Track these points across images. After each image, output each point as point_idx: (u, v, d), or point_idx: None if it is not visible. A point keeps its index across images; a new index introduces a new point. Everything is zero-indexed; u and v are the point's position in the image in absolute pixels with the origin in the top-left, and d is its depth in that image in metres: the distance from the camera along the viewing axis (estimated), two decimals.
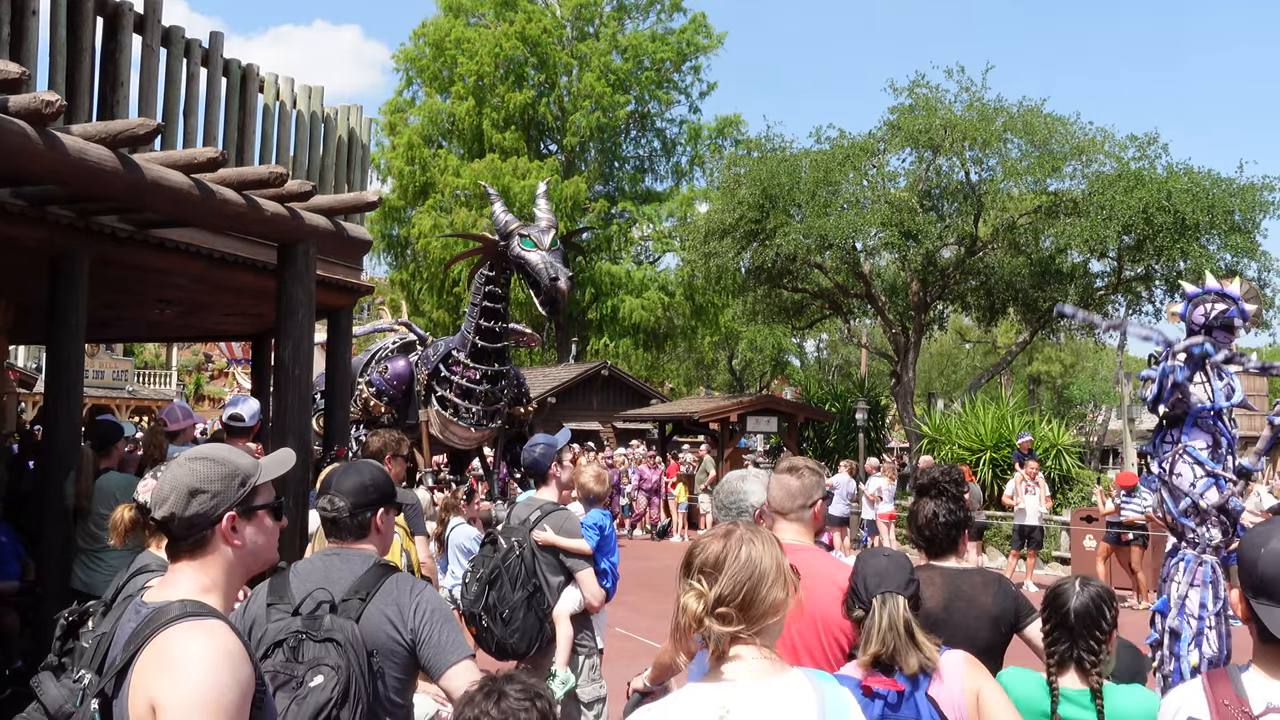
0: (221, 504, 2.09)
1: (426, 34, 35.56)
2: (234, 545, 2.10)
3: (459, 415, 11.74)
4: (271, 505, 2.20)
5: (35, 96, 4.58)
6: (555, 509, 5.18)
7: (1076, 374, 51.19)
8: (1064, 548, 16.47)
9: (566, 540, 5.05)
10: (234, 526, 2.10)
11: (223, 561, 2.10)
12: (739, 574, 1.98)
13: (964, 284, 23.85)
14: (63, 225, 6.23)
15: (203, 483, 2.09)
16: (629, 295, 34.19)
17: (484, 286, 11.44)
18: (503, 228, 10.89)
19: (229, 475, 2.12)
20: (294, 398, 6.55)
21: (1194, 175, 20.62)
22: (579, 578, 5.06)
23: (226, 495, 2.10)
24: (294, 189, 6.19)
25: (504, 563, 4.91)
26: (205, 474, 2.10)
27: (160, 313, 9.53)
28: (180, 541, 2.10)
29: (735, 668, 1.97)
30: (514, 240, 10.70)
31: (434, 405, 11.88)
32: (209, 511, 2.08)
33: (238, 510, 2.11)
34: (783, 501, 3.42)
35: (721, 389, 43.56)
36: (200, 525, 2.08)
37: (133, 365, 37.93)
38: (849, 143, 23.04)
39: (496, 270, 11.24)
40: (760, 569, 1.99)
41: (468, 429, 11.77)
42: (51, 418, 6.38)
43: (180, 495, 2.08)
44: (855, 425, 23.95)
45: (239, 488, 2.12)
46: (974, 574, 3.64)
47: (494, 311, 11.48)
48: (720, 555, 2.01)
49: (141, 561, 3.39)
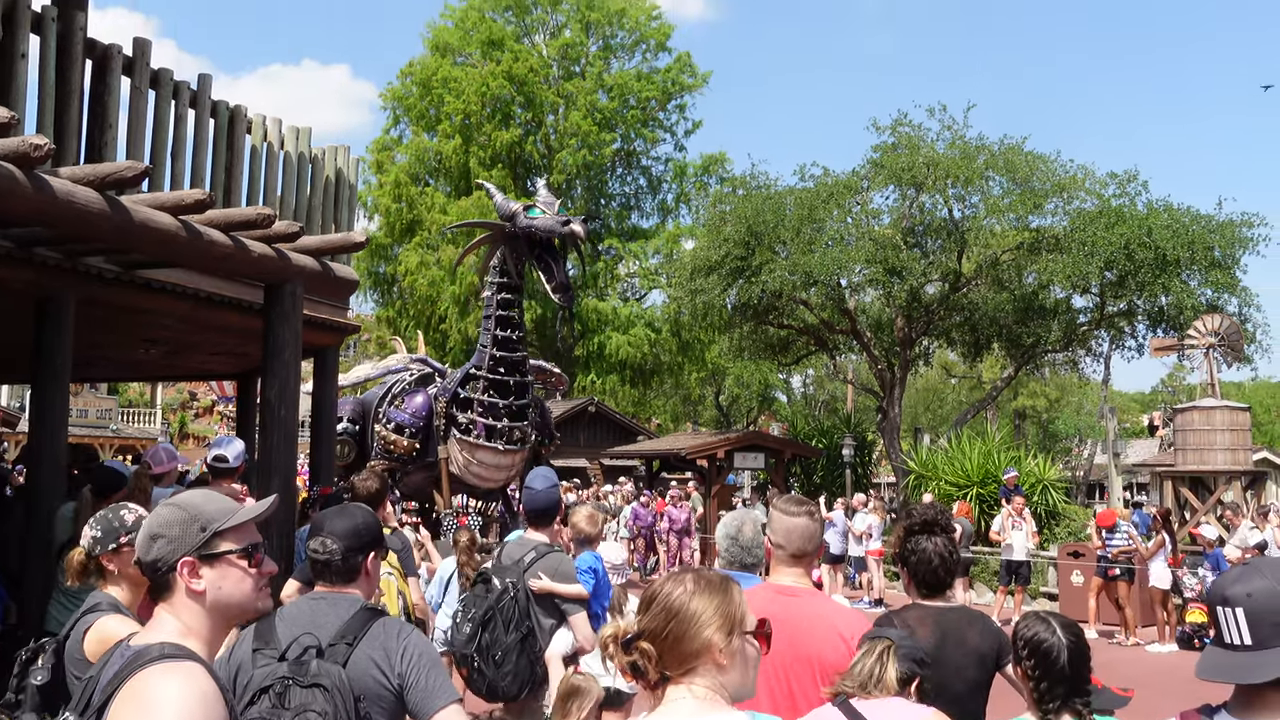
0: (178, 549, 2.09)
1: (414, 73, 35.78)
2: (194, 591, 2.09)
3: (485, 436, 11.04)
4: (242, 550, 2.16)
5: (24, 140, 4.59)
6: (550, 550, 5.13)
7: (1061, 408, 51.34)
8: (1051, 583, 16.47)
9: (564, 587, 5.01)
10: (192, 572, 2.09)
11: (195, 607, 2.09)
12: (666, 612, 2.02)
13: (948, 320, 23.97)
14: (49, 267, 6.22)
15: (161, 528, 2.11)
16: (615, 332, 34.24)
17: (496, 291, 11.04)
18: (506, 210, 10.62)
19: (188, 520, 2.12)
20: (280, 437, 6.52)
21: (1174, 212, 20.83)
22: (572, 621, 5.02)
23: (184, 540, 2.10)
24: (281, 230, 6.20)
25: (498, 604, 4.84)
26: (165, 519, 2.12)
27: (146, 352, 9.50)
28: (153, 587, 2.12)
29: (667, 708, 2.01)
30: (519, 215, 10.43)
31: (455, 437, 11.24)
32: (166, 556, 2.09)
33: (196, 556, 2.10)
34: (798, 544, 3.34)
35: (709, 425, 43.55)
36: (160, 570, 2.09)
37: (117, 403, 37.75)
38: (833, 180, 23.21)
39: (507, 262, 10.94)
40: (689, 610, 2.01)
41: (494, 452, 11.05)
42: (36, 458, 6.35)
43: (143, 540, 2.11)
44: (842, 461, 23.99)
45: (198, 532, 2.11)
46: (960, 612, 3.64)
47: (508, 320, 11.00)
48: (655, 592, 2.07)
49: (92, 600, 3.42)
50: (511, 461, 11.26)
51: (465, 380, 11.32)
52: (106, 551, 3.52)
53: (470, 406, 11.13)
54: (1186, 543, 14.77)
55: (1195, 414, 17.06)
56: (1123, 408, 51.63)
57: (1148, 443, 41.19)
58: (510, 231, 10.64)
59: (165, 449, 6.91)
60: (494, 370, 11.00)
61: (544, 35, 37.48)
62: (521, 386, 11.16)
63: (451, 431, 11.29)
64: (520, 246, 10.64)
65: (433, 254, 33.28)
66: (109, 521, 3.57)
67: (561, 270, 10.72)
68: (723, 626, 2.02)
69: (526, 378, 11.29)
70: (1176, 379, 51.73)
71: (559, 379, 13.90)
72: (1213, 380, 17.80)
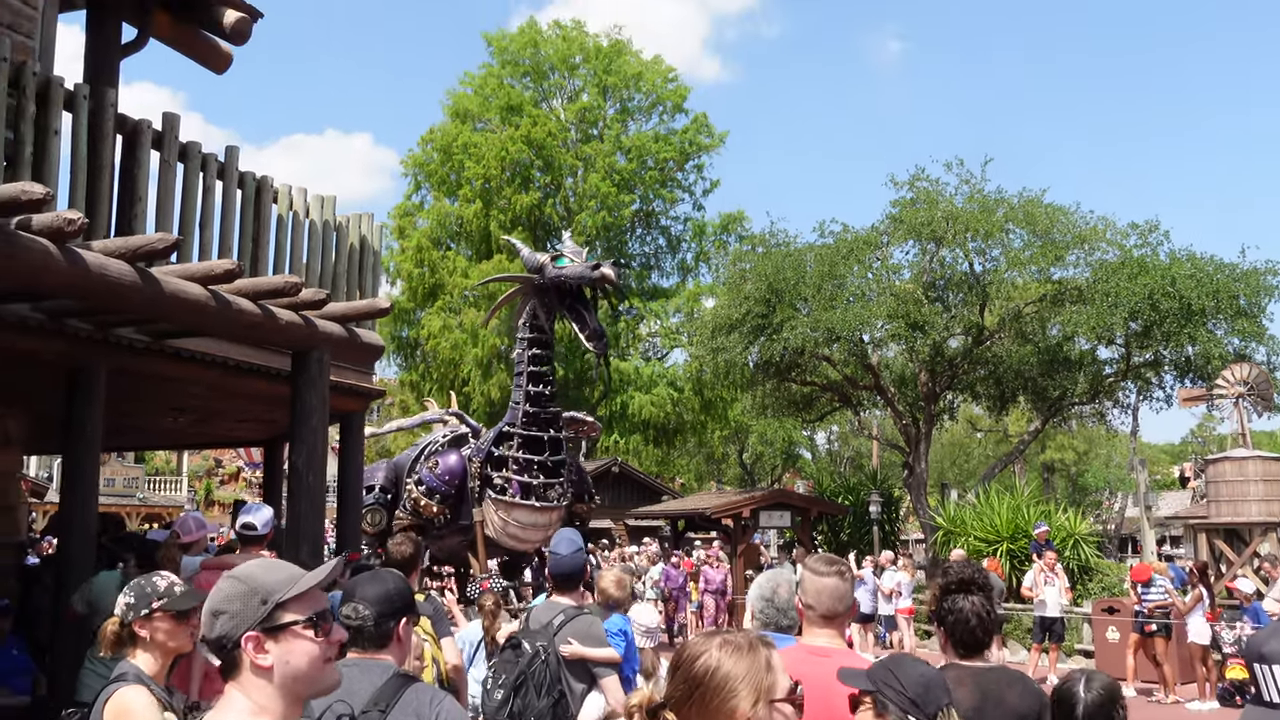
0: (241, 624, 2.00)
1: (434, 140, 36.29)
2: (260, 667, 2.00)
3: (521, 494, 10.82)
4: (307, 620, 2.05)
5: (58, 215, 4.68)
6: (579, 613, 5.08)
7: (1090, 461, 50.85)
8: (1086, 640, 16.19)
9: (595, 651, 4.95)
10: (257, 647, 2.00)
11: (263, 683, 2.00)
12: (692, 679, 1.97)
13: (973, 374, 23.86)
14: (81, 338, 6.31)
15: (223, 603, 2.02)
16: (638, 391, 34.26)
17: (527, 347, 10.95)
18: (534, 263, 10.56)
19: (248, 594, 2.03)
20: (307, 504, 6.54)
21: (1197, 261, 20.76)
22: (604, 684, 4.96)
23: (246, 615, 2.01)
24: (308, 298, 6.27)
25: (529, 669, 4.78)
26: (226, 594, 2.04)
27: (174, 420, 9.58)
28: (222, 665, 2.03)
29: None
30: (548, 267, 10.37)
31: (490, 498, 11.02)
32: (229, 633, 2.00)
33: (260, 630, 2.00)
34: (829, 605, 3.29)
35: (733, 483, 43.33)
36: (226, 646, 2.01)
37: (143, 472, 37.92)
38: (852, 236, 23.29)
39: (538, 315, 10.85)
40: (717, 677, 1.97)
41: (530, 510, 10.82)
42: (66, 527, 6.38)
43: (206, 617, 2.03)
44: (869, 518, 23.75)
45: (259, 605, 2.02)
46: (999, 672, 3.57)
47: (541, 375, 10.91)
48: (681, 657, 2.02)
49: (118, 670, 3.42)
50: (549, 520, 11.00)
51: (499, 439, 11.17)
52: (139, 618, 3.51)
53: (505, 465, 10.96)
54: (1224, 597, 14.51)
55: (1227, 465, 16.83)
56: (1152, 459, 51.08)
57: (1179, 495, 40.65)
58: (539, 284, 10.57)
59: (194, 518, 6.93)
60: (527, 426, 10.89)
61: (562, 100, 38.01)
62: (556, 442, 11.03)
63: (486, 493, 11.11)
64: (550, 298, 10.58)
65: (455, 317, 33.50)
66: (142, 588, 3.58)
67: (594, 318, 10.64)
68: (750, 695, 1.96)
69: (561, 433, 11.15)
70: (1206, 429, 51.22)
71: (592, 426, 13.74)
72: (1244, 430, 17.59)
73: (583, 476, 12.18)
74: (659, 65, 37.66)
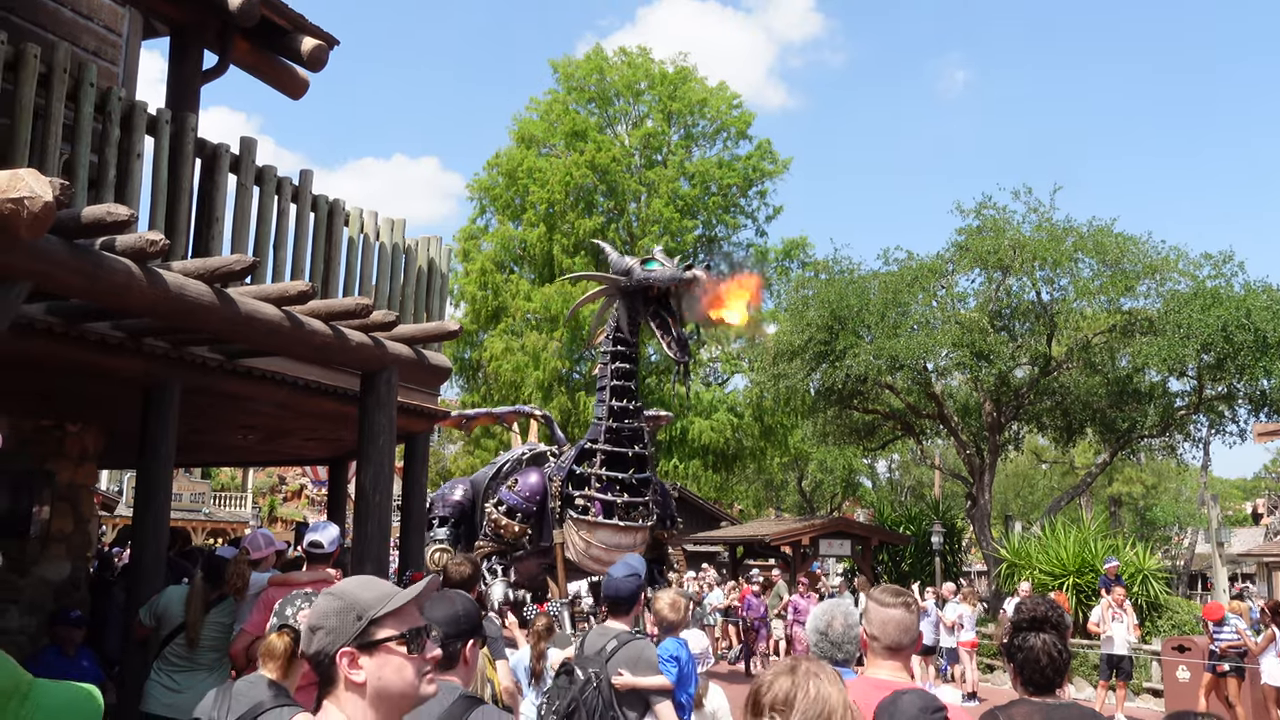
0: (337, 640, 2.03)
1: (500, 164, 36.69)
2: (354, 683, 2.01)
3: (604, 513, 10.40)
4: (401, 636, 2.06)
5: (140, 236, 4.80)
6: (632, 638, 5.07)
7: (1159, 495, 49.69)
8: (1155, 679, 15.78)
9: (646, 680, 4.93)
10: (351, 663, 2.02)
11: (356, 699, 2.03)
12: (809, 710, 1.97)
13: (1039, 404, 23.49)
14: (158, 356, 6.46)
15: (319, 619, 2.05)
16: (698, 417, 34.18)
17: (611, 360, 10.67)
18: (622, 265, 10.31)
19: (344, 610, 2.05)
20: (374, 525, 6.61)
21: (1273, 293, 20.32)
22: (657, 710, 4.94)
23: (342, 630, 2.03)
24: (378, 319, 6.35)
25: (581, 695, 4.78)
26: (323, 610, 2.06)
27: (244, 438, 9.75)
28: (320, 680, 2.06)
29: None
30: (636, 269, 10.13)
31: (571, 518, 10.59)
32: (325, 648, 2.03)
33: (355, 646, 2.03)
34: (894, 636, 3.26)
35: (791, 511, 43.02)
36: (323, 662, 2.04)
37: (209, 487, 38.57)
38: (917, 264, 23.12)
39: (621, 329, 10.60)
40: (829, 705, 1.97)
41: (614, 530, 10.39)
42: (139, 542, 6.51)
43: (305, 633, 2.07)
44: (931, 549, 23.43)
45: (355, 621, 2.04)
46: (1072, 709, 3.49)
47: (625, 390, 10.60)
48: (790, 692, 2.00)
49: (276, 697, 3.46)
50: (633, 541, 10.54)
51: (581, 457, 10.81)
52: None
53: (587, 483, 10.59)
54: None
55: None
56: (1224, 494, 49.72)
57: (1252, 531, 39.57)
58: (626, 286, 10.31)
59: (263, 535, 7.03)
60: (611, 442, 10.55)
61: (626, 125, 38.24)
62: (641, 459, 10.63)
63: (568, 513, 10.72)
64: (636, 303, 10.30)
65: (517, 340, 33.73)
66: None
67: (678, 326, 10.37)
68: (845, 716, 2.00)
69: (646, 450, 10.74)
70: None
71: (664, 418, 13.37)
72: None
73: (666, 498, 11.67)
74: (723, 92, 37.75)
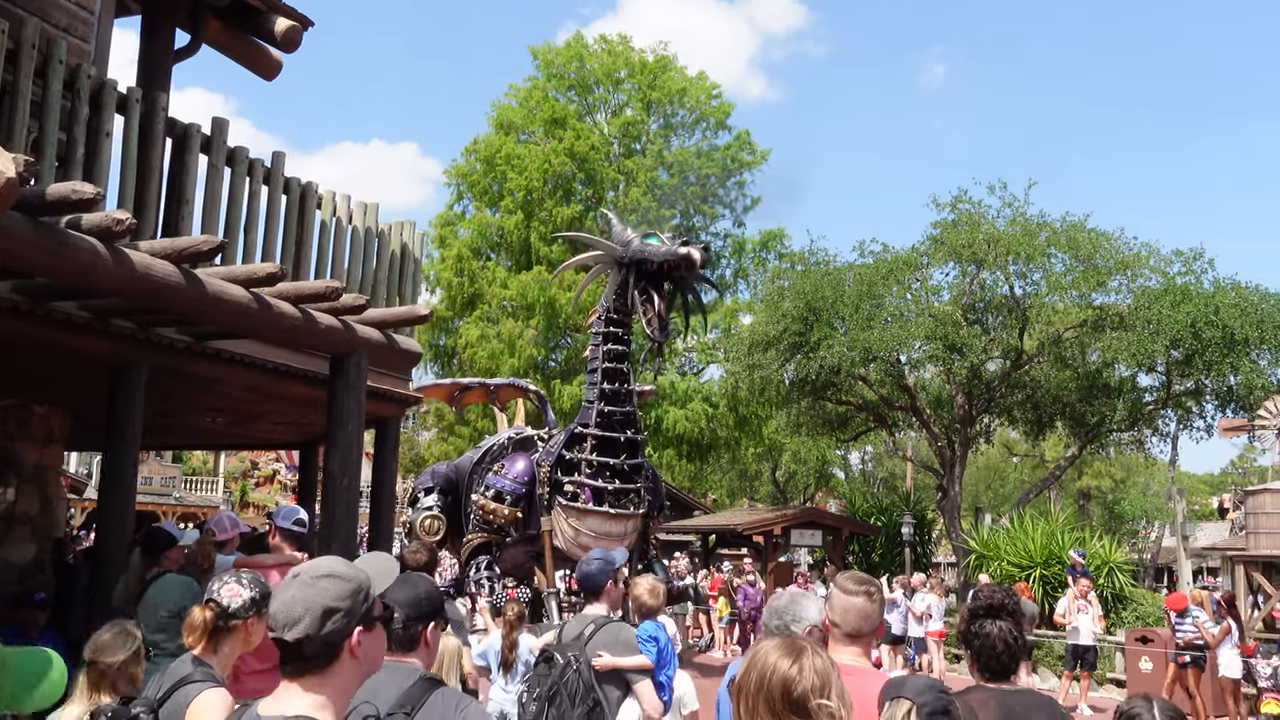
0: (352, 621, 2.05)
1: (478, 150, 36.52)
2: (358, 659, 2.07)
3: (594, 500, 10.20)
4: (382, 615, 2.17)
5: (107, 215, 4.77)
6: (608, 621, 5.11)
7: (1127, 489, 50.18)
8: (1119, 669, 15.97)
9: (627, 660, 4.98)
10: (358, 641, 2.06)
11: (342, 676, 2.06)
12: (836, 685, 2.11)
13: (1010, 397, 23.66)
14: (125, 337, 6.41)
15: (337, 600, 2.04)
16: (673, 406, 34.20)
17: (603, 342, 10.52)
18: (623, 236, 10.21)
19: (356, 591, 2.08)
20: (341, 509, 6.59)
21: (1242, 290, 20.50)
22: (637, 690, 4.98)
23: (355, 611, 2.06)
24: (348, 303, 6.34)
25: (562, 679, 4.81)
26: (337, 592, 2.05)
27: (212, 421, 9.69)
28: (309, 661, 2.03)
29: None
30: (634, 241, 10.03)
31: (560, 505, 10.40)
32: (342, 629, 2.04)
33: (362, 624, 2.07)
34: (855, 623, 3.30)
35: (765, 501, 43.17)
36: (336, 644, 2.04)
37: (180, 472, 38.32)
38: (892, 257, 23.19)
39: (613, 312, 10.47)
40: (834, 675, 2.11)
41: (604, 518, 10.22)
42: (104, 524, 6.47)
43: (314, 616, 2.02)
44: (901, 540, 23.60)
45: (363, 601, 2.09)
46: (1026, 695, 3.53)
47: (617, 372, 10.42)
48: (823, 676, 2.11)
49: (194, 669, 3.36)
50: (623, 529, 10.38)
51: (571, 441, 10.61)
52: (254, 615, 3.49)
53: (576, 469, 10.41)
54: (1262, 630, 14.27)
55: (1267, 496, 16.58)
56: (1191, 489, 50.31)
57: (1218, 525, 40.02)
58: (621, 257, 10.20)
59: (229, 517, 7.00)
60: (602, 427, 10.36)
61: (605, 114, 38.14)
62: (633, 444, 10.44)
63: (556, 500, 10.51)
64: (628, 276, 10.18)
65: (493, 327, 33.64)
66: (263, 584, 3.55)
67: (664, 305, 10.29)
68: None
69: (639, 435, 10.53)
70: (1247, 460, 50.49)
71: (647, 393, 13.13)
72: None
73: (658, 484, 11.39)
74: (703, 82, 37.71)
